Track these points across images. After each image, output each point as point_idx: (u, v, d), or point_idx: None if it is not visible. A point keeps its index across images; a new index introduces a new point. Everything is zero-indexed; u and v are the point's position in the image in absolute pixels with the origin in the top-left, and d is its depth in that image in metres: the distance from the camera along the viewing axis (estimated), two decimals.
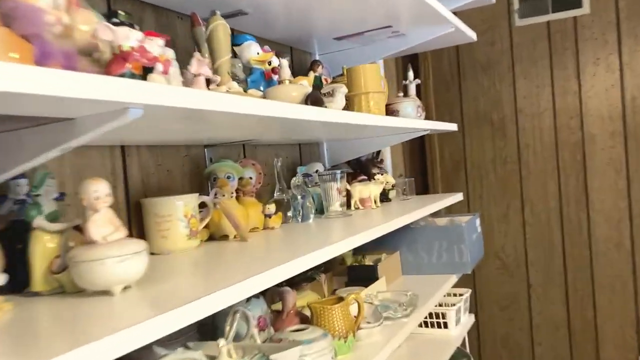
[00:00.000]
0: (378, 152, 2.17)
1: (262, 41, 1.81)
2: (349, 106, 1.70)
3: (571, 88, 3.31)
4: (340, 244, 1.25)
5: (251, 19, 1.62)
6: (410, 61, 3.62)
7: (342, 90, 1.48)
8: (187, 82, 1.06)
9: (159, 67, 0.93)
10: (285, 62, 1.35)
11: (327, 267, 1.91)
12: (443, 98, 3.69)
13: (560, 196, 3.37)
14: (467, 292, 2.11)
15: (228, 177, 1.42)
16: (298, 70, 1.95)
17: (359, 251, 2.03)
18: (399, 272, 2.03)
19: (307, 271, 1.80)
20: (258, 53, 1.40)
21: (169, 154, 1.42)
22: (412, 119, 1.70)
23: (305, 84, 1.44)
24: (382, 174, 1.89)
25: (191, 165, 1.49)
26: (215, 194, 1.41)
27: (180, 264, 1.15)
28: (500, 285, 3.54)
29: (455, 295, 2.15)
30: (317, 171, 1.86)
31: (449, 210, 3.58)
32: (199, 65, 1.05)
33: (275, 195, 1.64)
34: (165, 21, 1.45)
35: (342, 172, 1.71)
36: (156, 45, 0.94)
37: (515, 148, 3.48)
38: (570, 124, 3.32)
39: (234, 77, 1.35)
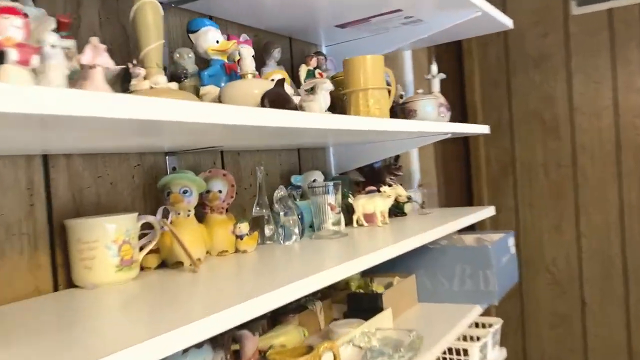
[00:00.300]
0: (397, 157, 1.86)
1: (251, 30, 1.55)
2: (346, 105, 1.41)
3: (636, 84, 2.89)
4: (316, 278, 0.99)
5: (234, 3, 1.35)
6: (455, 56, 3.27)
7: (324, 86, 1.19)
8: (82, 77, 0.80)
9: (12, 54, 0.67)
10: (246, 52, 1.07)
11: (325, 292, 1.62)
12: (490, 96, 3.33)
13: (622, 205, 2.95)
14: (497, 324, 1.78)
15: (184, 192, 1.15)
16: (299, 65, 1.66)
17: (367, 273, 1.73)
18: (414, 299, 1.72)
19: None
20: (218, 41, 1.13)
21: (114, 164, 1.17)
22: (419, 122, 1.39)
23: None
24: (391, 185, 1.58)
25: (145, 177, 1.23)
26: (167, 213, 1.15)
27: (97, 304, 0.89)
28: (550, 302, 3.15)
29: (483, 326, 1.81)
30: (313, 181, 1.58)
31: (495, 223, 3.22)
32: (95, 53, 0.79)
33: (253, 211, 1.36)
34: (115, 5, 1.19)
35: (336, 184, 1.41)
36: (10, 26, 0.68)
37: (569, 150, 3.08)
38: (635, 123, 2.90)
39: (183, 71, 1.09)
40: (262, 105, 0.98)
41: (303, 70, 1.43)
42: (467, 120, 3.35)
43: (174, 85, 0.94)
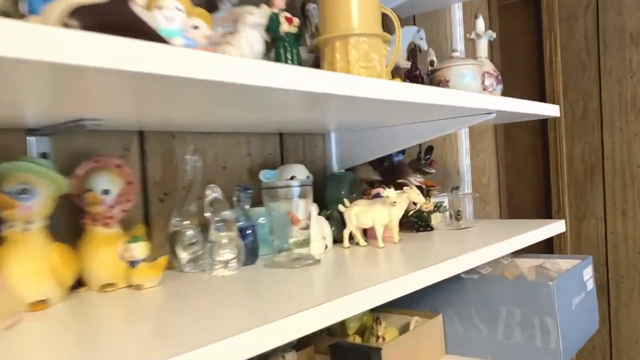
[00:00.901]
0: (429, 148, 1.32)
1: None
2: (320, 60, 0.90)
3: None
4: (221, 345, 0.55)
5: None
6: (534, 32, 2.64)
7: (250, 19, 0.70)
8: None
9: None
10: None
11: (309, 337, 1.11)
12: (576, 80, 2.68)
13: None
14: None
15: (22, 192, 0.69)
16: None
17: (376, 309, 1.20)
18: (440, 349, 1.17)
19: None
20: None
21: None
22: (427, 89, 0.85)
23: (169, 6, 0.66)
24: (402, 187, 1.05)
25: None
26: None
27: None
28: None
29: None
30: (291, 179, 1.07)
31: (578, 234, 2.56)
32: None
33: (171, 222, 0.88)
34: None
35: (304, 183, 0.90)
36: None
37: None
38: None
39: None
40: (64, 24, 0.50)
41: (262, 12, 0.93)
42: None
43: None
